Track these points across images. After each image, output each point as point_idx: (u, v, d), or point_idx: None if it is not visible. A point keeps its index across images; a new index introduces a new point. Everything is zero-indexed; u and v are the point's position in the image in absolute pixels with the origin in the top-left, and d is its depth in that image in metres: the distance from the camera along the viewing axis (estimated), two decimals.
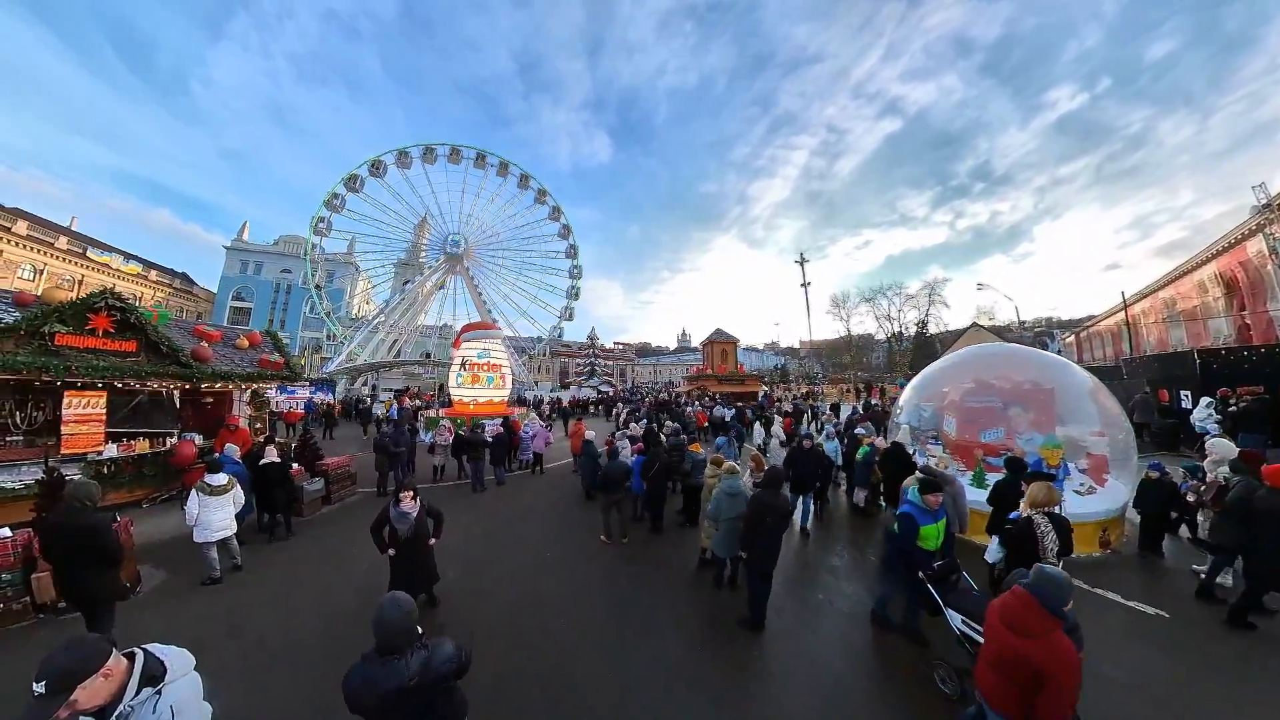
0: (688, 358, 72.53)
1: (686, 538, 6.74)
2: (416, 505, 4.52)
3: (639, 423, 10.46)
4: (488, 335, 17.94)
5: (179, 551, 6.23)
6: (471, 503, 8.53)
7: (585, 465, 8.50)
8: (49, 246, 37.47)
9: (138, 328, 8.68)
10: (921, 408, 9.17)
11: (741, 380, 23.45)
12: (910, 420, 9.10)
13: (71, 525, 3.89)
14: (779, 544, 4.39)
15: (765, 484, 4.43)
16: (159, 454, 8.98)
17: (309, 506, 7.84)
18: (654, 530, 6.97)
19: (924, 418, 9.23)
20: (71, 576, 3.94)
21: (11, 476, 7.43)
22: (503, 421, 11.20)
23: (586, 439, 8.72)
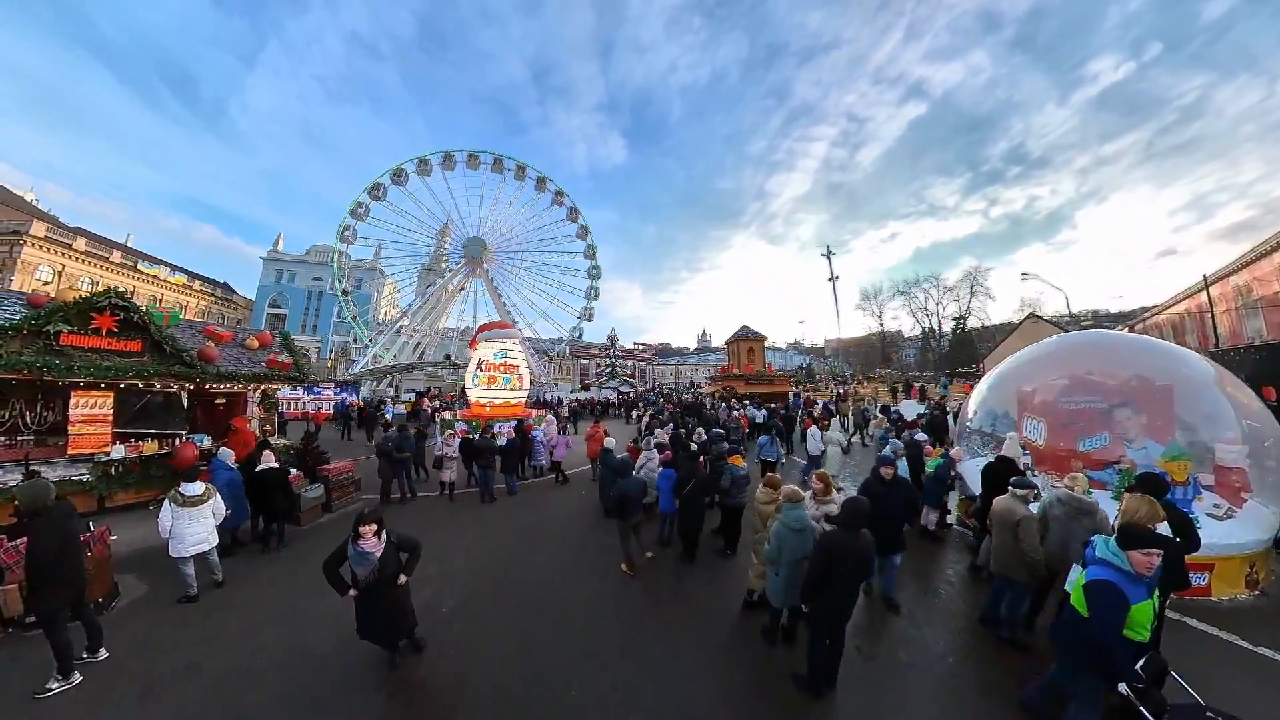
0: (709, 358, 70.98)
1: (726, 570, 5.67)
2: (380, 543, 3.53)
3: (664, 428, 9.31)
4: (504, 335, 17.33)
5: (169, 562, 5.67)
6: (478, 516, 7.66)
7: (604, 478, 7.51)
8: (104, 261, 39.73)
9: (142, 327, 8.32)
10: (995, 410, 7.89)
11: (770, 380, 22.07)
12: (983, 425, 7.85)
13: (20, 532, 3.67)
14: (854, 599, 3.36)
15: (843, 521, 3.39)
16: (166, 455, 8.66)
17: (307, 514, 7.23)
18: (687, 558, 5.87)
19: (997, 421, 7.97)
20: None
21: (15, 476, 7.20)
22: (515, 425, 10.41)
23: (606, 447, 7.66)
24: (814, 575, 3.30)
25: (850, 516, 3.34)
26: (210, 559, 5.35)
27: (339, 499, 7.91)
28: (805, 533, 3.85)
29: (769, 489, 4.69)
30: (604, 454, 7.58)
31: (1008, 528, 4.18)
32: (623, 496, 5.50)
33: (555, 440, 10.23)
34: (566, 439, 10.63)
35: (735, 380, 21.02)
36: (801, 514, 3.93)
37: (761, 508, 4.69)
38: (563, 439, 10.36)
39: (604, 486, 7.53)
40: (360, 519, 3.51)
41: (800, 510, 3.95)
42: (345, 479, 8.04)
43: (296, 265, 47.95)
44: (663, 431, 8.39)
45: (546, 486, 9.62)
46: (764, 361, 22.96)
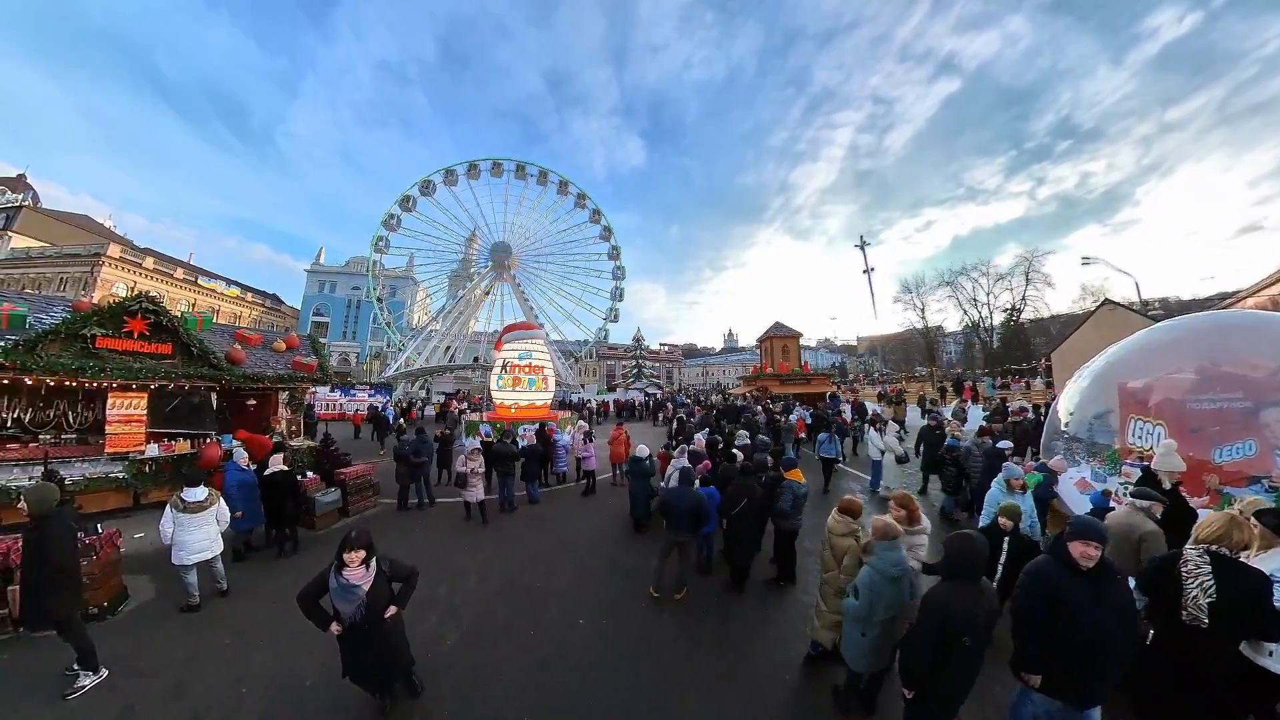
0: (735, 358, 69.21)
1: (781, 606, 4.79)
2: (368, 573, 2.87)
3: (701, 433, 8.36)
4: (529, 336, 17.00)
5: None
6: (496, 528, 6.99)
7: (636, 489, 6.76)
8: (169, 277, 43.03)
9: (171, 330, 8.33)
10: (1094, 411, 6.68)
11: (808, 380, 20.62)
12: (1079, 431, 6.66)
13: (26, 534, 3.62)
14: (976, 675, 2.46)
15: (952, 571, 2.48)
16: (197, 455, 8.70)
17: (322, 519, 6.90)
18: (732, 590, 4.99)
19: (1095, 425, 6.76)
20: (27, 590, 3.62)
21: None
22: (537, 429, 9.73)
23: (637, 455, 6.85)
24: (923, 651, 2.41)
25: (964, 562, 2.42)
26: (215, 567, 5.02)
27: (356, 504, 7.58)
28: (904, 580, 2.98)
29: (846, 516, 3.70)
30: (634, 462, 6.81)
31: (1128, 546, 3.38)
32: (671, 510, 4.70)
33: (583, 449, 9.30)
34: (591, 446, 9.47)
35: (769, 380, 19.79)
36: (900, 556, 3.05)
37: (837, 540, 3.66)
38: (590, 446, 9.37)
39: (635, 498, 6.78)
40: (345, 544, 2.84)
41: (898, 552, 3.06)
42: (363, 483, 7.71)
43: (337, 276, 50.27)
44: (700, 437, 7.50)
45: (570, 495, 8.89)
46: (800, 359, 21.58)
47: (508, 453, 7.68)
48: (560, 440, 9.48)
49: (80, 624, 3.73)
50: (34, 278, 40.52)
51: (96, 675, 3.66)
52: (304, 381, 9.47)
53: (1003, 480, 4.73)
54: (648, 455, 6.81)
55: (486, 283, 37.80)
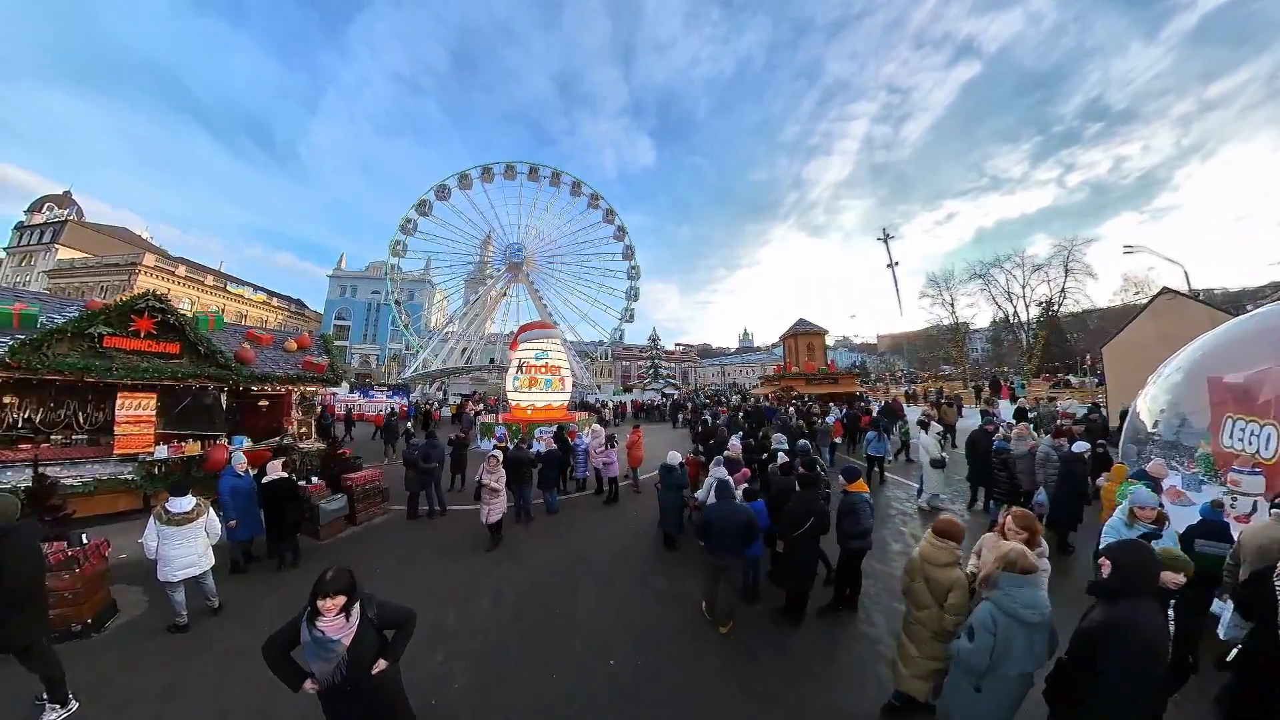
0: (752, 358, 67.83)
1: (845, 641, 4.05)
2: (350, 624, 2.22)
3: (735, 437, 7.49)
4: (545, 335, 16.50)
5: None
6: (512, 540, 6.29)
7: (667, 501, 6.04)
8: (199, 283, 44.47)
9: (179, 329, 8.02)
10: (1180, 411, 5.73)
11: (835, 379, 19.48)
12: (1167, 433, 5.70)
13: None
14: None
15: (1130, 587, 1.91)
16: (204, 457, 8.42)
17: (328, 528, 6.40)
18: (789, 619, 4.23)
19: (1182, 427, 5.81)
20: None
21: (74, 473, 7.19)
22: (555, 432, 9.04)
23: (669, 463, 6.13)
24: (1142, 699, 1.77)
25: (1143, 577, 1.84)
26: (204, 584, 4.53)
27: (364, 511, 7.08)
28: (1042, 628, 2.24)
29: (945, 540, 2.93)
30: (665, 471, 6.08)
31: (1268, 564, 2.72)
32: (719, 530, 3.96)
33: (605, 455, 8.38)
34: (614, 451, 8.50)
35: (794, 380, 18.76)
36: (1038, 596, 2.31)
37: (937, 572, 2.87)
38: (612, 452, 8.44)
39: (666, 510, 6.06)
40: (319, 587, 2.16)
41: (1036, 591, 2.33)
42: (372, 489, 7.20)
43: (357, 281, 51.11)
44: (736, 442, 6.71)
45: (590, 504, 8.21)
46: (825, 358, 20.47)
47: (524, 459, 7.03)
48: (579, 445, 8.76)
49: (45, 650, 3.29)
50: (78, 287, 42.30)
51: (64, 709, 3.26)
52: (315, 382, 9.08)
53: (1126, 511, 3.80)
54: (679, 463, 6.07)
55: (502, 284, 37.80)
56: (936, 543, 2.99)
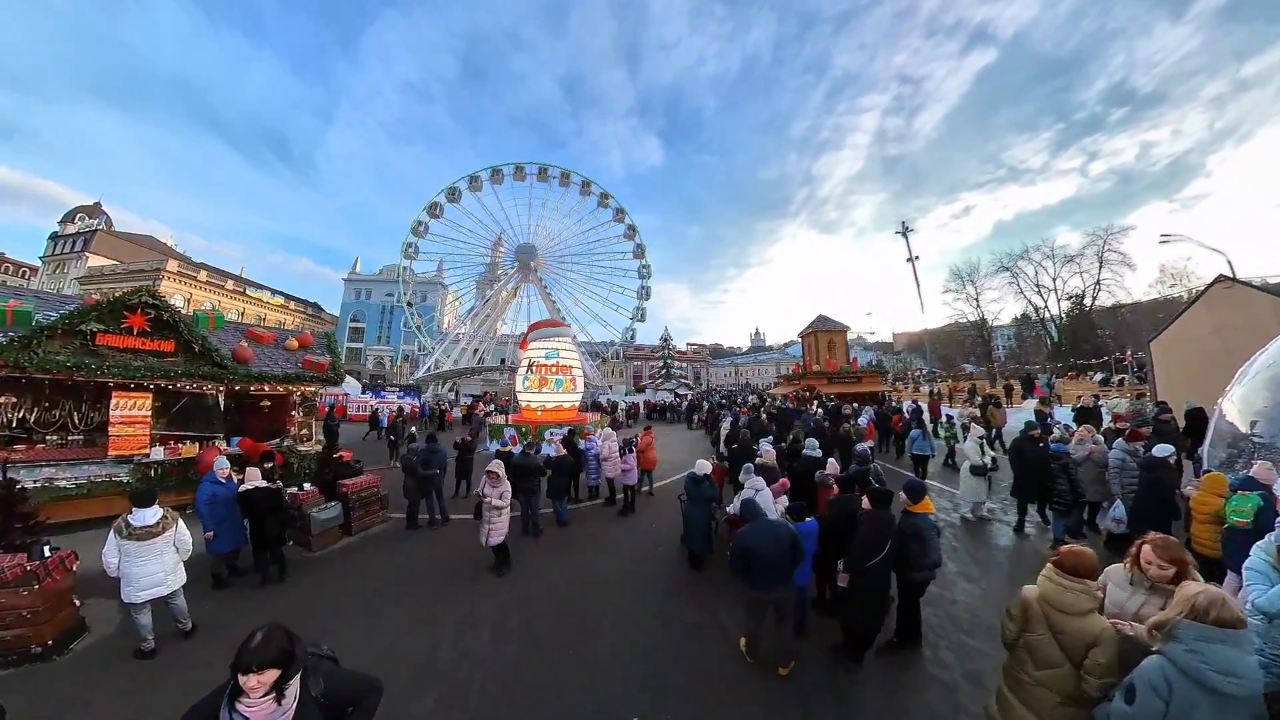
0: (765, 357, 66.57)
1: (914, 683, 3.37)
2: (284, 708, 1.58)
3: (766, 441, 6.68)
4: (556, 334, 15.93)
5: None
6: (517, 559, 5.48)
7: (694, 517, 5.23)
8: (220, 288, 45.25)
9: (173, 326, 7.63)
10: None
11: (858, 378, 18.47)
12: (1269, 434, 4.83)
13: None
14: None
15: None
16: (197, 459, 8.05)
17: (320, 539, 5.88)
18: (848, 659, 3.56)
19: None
20: None
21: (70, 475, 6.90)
22: (566, 435, 8.30)
23: (698, 473, 5.34)
24: None
25: None
26: (174, 604, 4.01)
27: (361, 520, 6.54)
28: (1244, 705, 1.61)
29: (1075, 578, 2.18)
30: (691, 482, 5.30)
31: None
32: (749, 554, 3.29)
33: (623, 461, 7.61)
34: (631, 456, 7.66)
35: (815, 379, 17.81)
36: (1241, 660, 1.65)
37: (1070, 622, 2.14)
38: (630, 458, 7.62)
39: (692, 527, 5.33)
40: (240, 658, 1.53)
41: (1239, 652, 1.66)
42: (369, 496, 6.66)
43: (372, 284, 51.57)
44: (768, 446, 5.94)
45: (604, 515, 7.43)
46: (848, 355, 19.48)
47: (532, 466, 6.29)
48: (591, 449, 7.94)
49: None
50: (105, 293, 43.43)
51: None
52: (315, 381, 8.64)
53: (1272, 547, 2.92)
54: (707, 474, 5.32)
55: (512, 284, 37.57)
56: (1065, 581, 2.24)
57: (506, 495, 5.03)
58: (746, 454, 6.82)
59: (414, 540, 6.32)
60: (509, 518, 5.10)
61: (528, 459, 6.32)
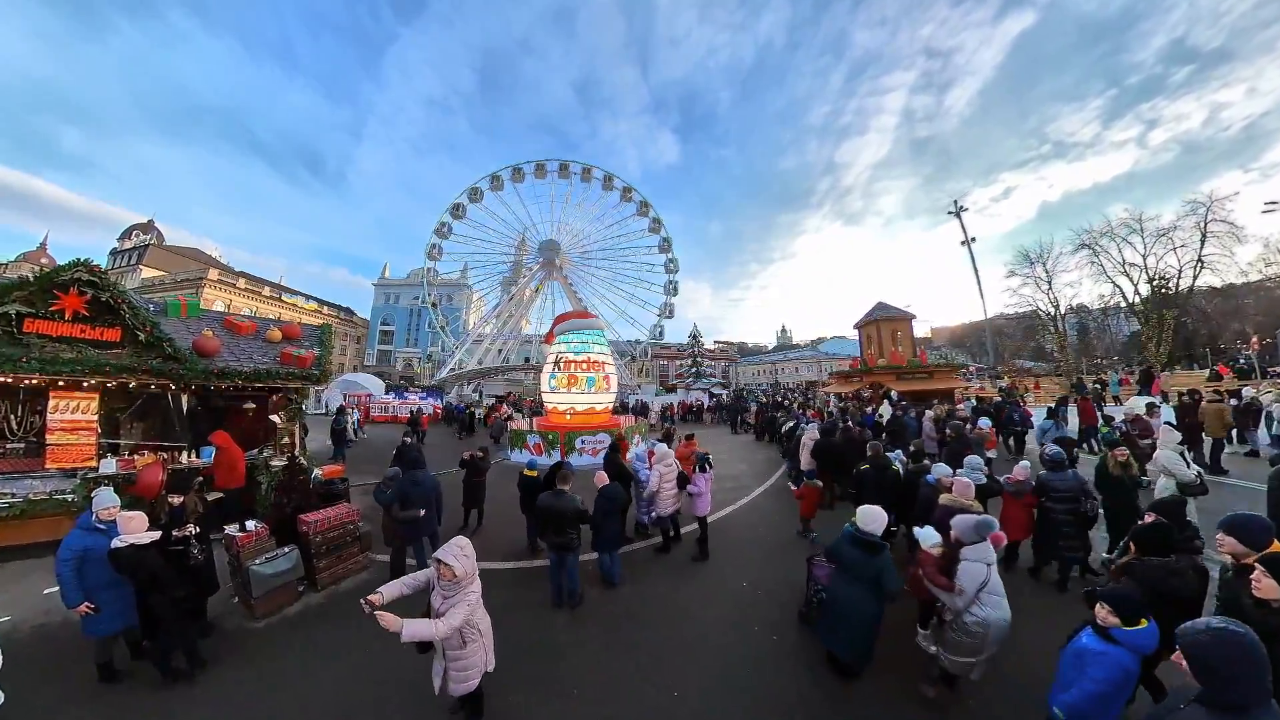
0: (794, 355, 62.88)
1: None
2: None
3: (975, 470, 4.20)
4: (586, 325, 13.85)
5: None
6: (547, 652, 3.51)
7: (853, 606, 2.92)
8: (258, 294, 46.11)
9: (115, 309, 5.92)
10: None
11: (929, 373, 15.60)
12: None
13: None
14: None
15: None
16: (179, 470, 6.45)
17: (267, 601, 3.94)
18: None
19: None
20: None
21: None
22: (607, 455, 5.72)
23: (863, 530, 3.03)
24: None
25: None
26: None
27: (331, 569, 4.54)
28: None
29: None
30: (850, 544, 3.02)
31: None
32: None
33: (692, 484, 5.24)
34: (708, 477, 5.34)
35: (882, 374, 15.06)
36: None
37: None
38: (702, 478, 5.27)
39: (842, 619, 3.04)
40: None
41: None
42: (339, 536, 4.63)
43: (400, 288, 51.50)
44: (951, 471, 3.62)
45: (664, 563, 5.04)
46: (914, 347, 16.61)
47: (565, 512, 3.97)
48: (642, 472, 5.46)
49: None
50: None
51: None
52: (293, 379, 6.82)
53: None
54: (882, 527, 2.99)
55: (536, 281, 36.18)
56: None
57: (473, 606, 2.49)
58: (884, 481, 4.50)
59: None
60: (484, 651, 2.61)
61: (559, 501, 4.03)
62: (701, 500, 5.17)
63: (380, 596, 2.47)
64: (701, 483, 5.19)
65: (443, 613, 2.39)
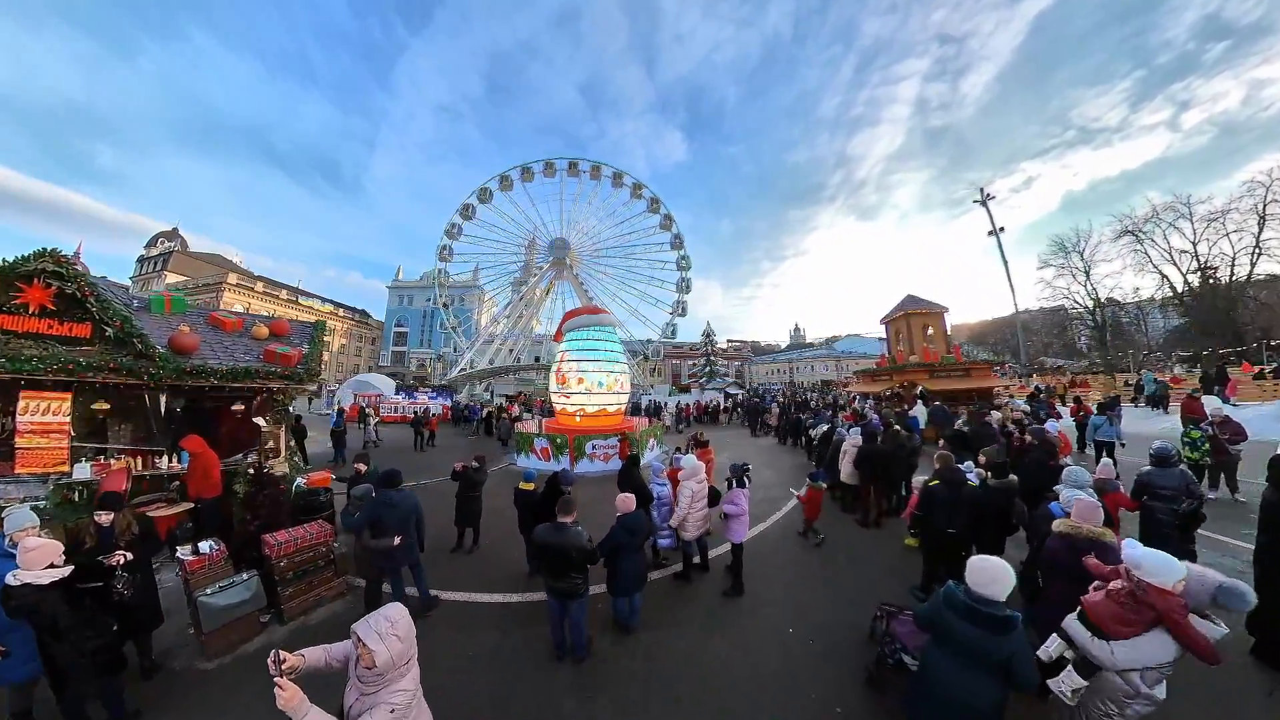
0: (809, 353, 61.23)
1: None
2: None
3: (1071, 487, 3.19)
4: (597, 321, 13.10)
5: None
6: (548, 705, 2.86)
7: (962, 688, 1.93)
8: (275, 297, 46.85)
9: (80, 301, 5.38)
10: None
11: (965, 370, 14.36)
12: None
13: None
14: None
15: None
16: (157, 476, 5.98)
17: (219, 637, 3.27)
18: None
19: None
20: None
21: None
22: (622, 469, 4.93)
23: (985, 589, 2.05)
24: None
25: None
26: None
27: (300, 597, 3.85)
28: None
29: None
30: (961, 608, 2.04)
31: None
32: None
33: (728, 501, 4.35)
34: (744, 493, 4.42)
35: (915, 372, 13.90)
36: None
37: None
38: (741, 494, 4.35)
39: (927, 709, 2.18)
40: None
41: None
42: (309, 560, 3.94)
43: (413, 290, 51.78)
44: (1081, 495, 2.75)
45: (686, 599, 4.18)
46: (948, 344, 15.38)
47: (569, 550, 3.09)
48: (658, 489, 4.63)
49: None
50: None
51: None
52: (275, 378, 6.21)
53: None
54: (1007, 590, 2.03)
55: (546, 281, 35.77)
56: None
57: (402, 713, 1.62)
58: (959, 501, 3.63)
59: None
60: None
61: (560, 538, 3.11)
62: (739, 523, 4.21)
63: (301, 659, 1.81)
64: (741, 500, 4.25)
65: (355, 717, 1.60)
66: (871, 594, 4.09)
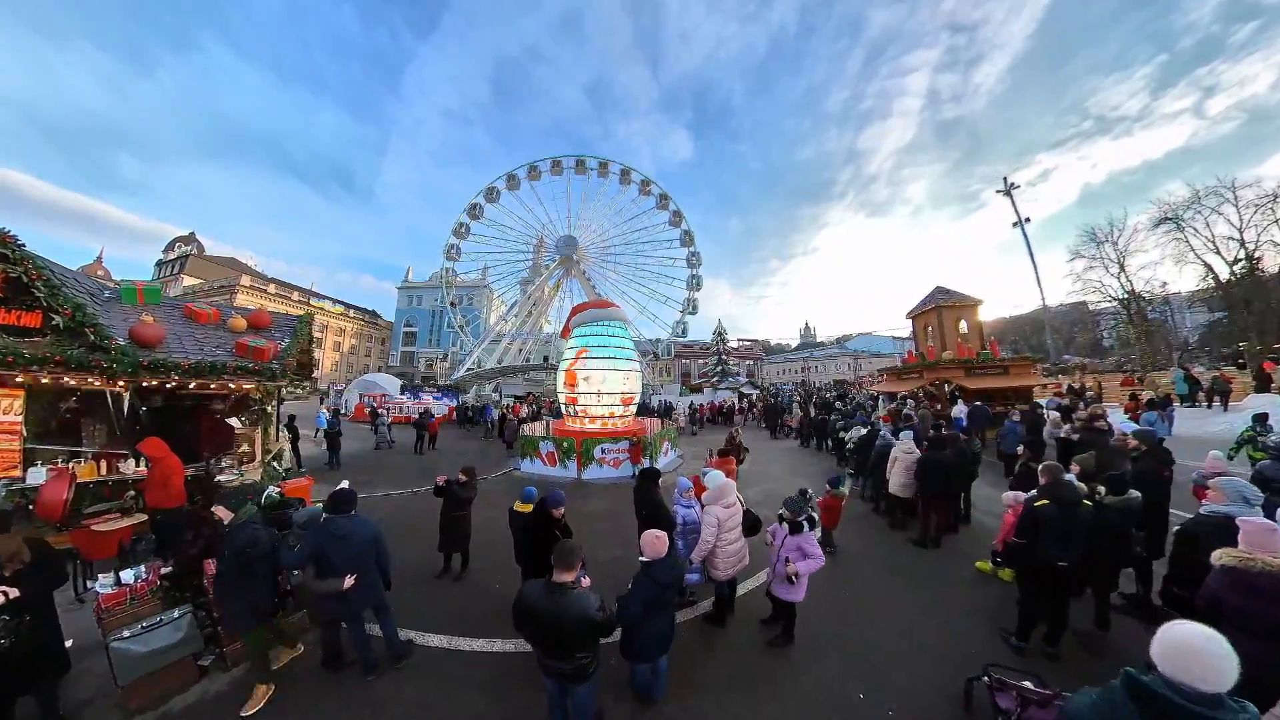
0: (820, 353, 59.71)
1: None
2: None
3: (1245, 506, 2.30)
4: (607, 316, 12.33)
5: None
6: None
7: None
8: (287, 298, 47.09)
9: (25, 286, 4.76)
10: None
11: (1004, 367, 13.22)
12: None
13: None
14: None
15: None
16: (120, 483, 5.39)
17: (145, 688, 2.55)
18: None
19: None
20: None
21: None
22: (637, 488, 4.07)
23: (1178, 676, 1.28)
24: None
25: None
26: None
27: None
28: None
29: None
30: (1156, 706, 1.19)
31: None
32: None
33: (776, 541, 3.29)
34: (813, 540, 3.21)
35: (949, 369, 12.84)
36: None
37: None
38: (812, 544, 3.17)
39: None
40: None
41: None
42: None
43: (423, 291, 51.70)
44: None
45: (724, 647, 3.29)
46: (984, 339, 14.27)
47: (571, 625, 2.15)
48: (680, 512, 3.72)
49: None
50: None
51: None
52: (245, 374, 5.53)
53: None
54: (1232, 680, 1.19)
55: (555, 279, 35.26)
56: None
57: None
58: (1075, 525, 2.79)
59: (333, 699, 2.81)
60: None
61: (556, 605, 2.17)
62: (800, 582, 3.09)
63: None
64: (813, 549, 3.08)
65: None
66: (956, 642, 3.23)
